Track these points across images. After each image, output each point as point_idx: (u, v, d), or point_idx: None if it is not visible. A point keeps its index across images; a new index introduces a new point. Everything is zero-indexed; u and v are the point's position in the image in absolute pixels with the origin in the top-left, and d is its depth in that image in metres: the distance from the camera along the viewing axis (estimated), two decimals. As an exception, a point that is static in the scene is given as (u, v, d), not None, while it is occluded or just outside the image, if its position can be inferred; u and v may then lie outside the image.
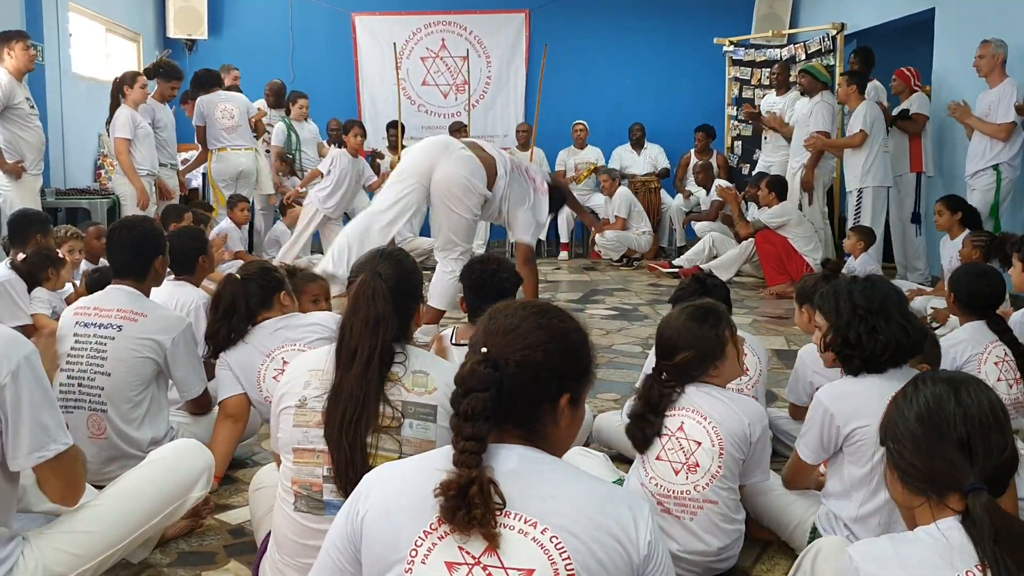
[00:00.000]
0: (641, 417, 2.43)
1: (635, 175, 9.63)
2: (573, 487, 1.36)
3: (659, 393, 2.41)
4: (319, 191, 6.99)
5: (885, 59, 7.67)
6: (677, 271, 7.88)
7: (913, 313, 2.43)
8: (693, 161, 9.56)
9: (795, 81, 8.25)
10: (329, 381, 1.90)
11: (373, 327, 1.87)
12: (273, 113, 8.63)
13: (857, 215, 6.93)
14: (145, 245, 2.97)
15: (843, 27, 8.03)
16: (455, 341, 3.03)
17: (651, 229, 9.08)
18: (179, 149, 8.01)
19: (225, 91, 7.82)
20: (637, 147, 9.93)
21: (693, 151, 9.62)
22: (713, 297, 3.25)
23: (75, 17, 8.19)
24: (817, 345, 2.53)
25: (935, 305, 5.41)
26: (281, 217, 7.97)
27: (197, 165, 8.18)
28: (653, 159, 9.88)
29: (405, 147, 8.02)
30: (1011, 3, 6.32)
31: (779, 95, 8.63)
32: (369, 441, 1.85)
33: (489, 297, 2.97)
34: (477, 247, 9.02)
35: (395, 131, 9.35)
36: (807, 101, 7.65)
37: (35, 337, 2.08)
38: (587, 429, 3.31)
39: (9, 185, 5.83)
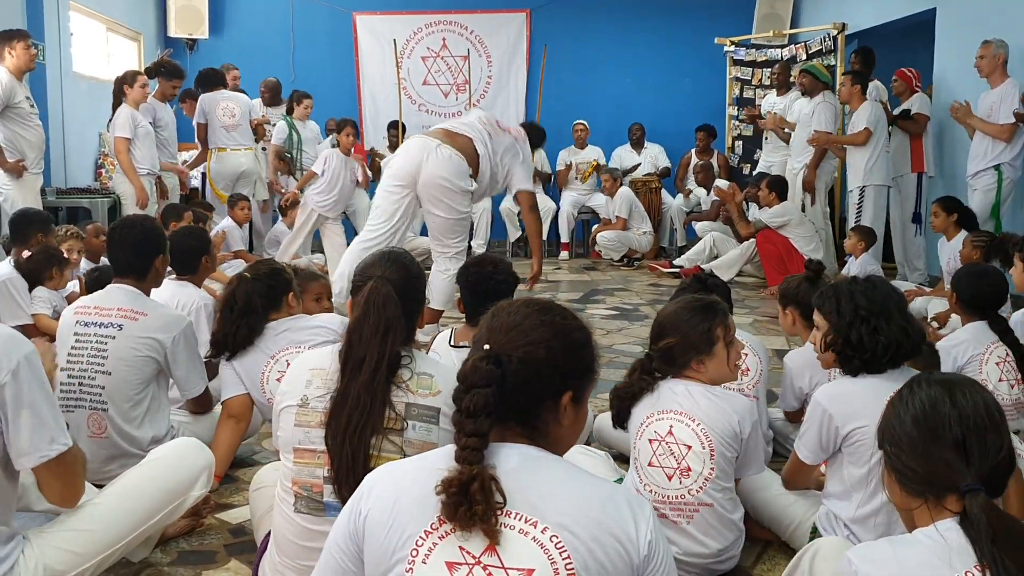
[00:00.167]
0: (623, 397, 2.48)
1: (636, 176, 9.62)
2: (574, 486, 1.36)
3: (640, 376, 2.46)
4: (314, 191, 6.99)
5: (886, 59, 7.66)
6: (678, 271, 7.88)
7: (912, 315, 2.43)
8: (694, 161, 9.55)
9: (795, 81, 8.25)
10: (332, 381, 1.90)
11: (384, 334, 1.87)
12: (270, 111, 8.62)
13: (858, 214, 6.92)
14: (146, 244, 2.96)
15: (844, 27, 8.02)
16: (453, 343, 3.01)
17: (652, 229, 9.07)
18: (179, 148, 8.02)
19: (228, 90, 7.83)
20: (637, 147, 9.92)
21: (694, 151, 9.61)
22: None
23: (76, 16, 8.19)
24: (815, 345, 2.52)
25: (935, 306, 5.42)
26: (282, 217, 7.96)
27: (197, 164, 8.18)
28: (653, 158, 9.88)
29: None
30: (1012, 3, 6.32)
31: (779, 95, 8.63)
32: (372, 443, 1.84)
33: (486, 298, 2.94)
34: (478, 247, 9.02)
35: (396, 131, 9.35)
36: (806, 101, 7.65)
37: (35, 339, 2.07)
38: (588, 429, 3.30)
39: (10, 184, 5.83)
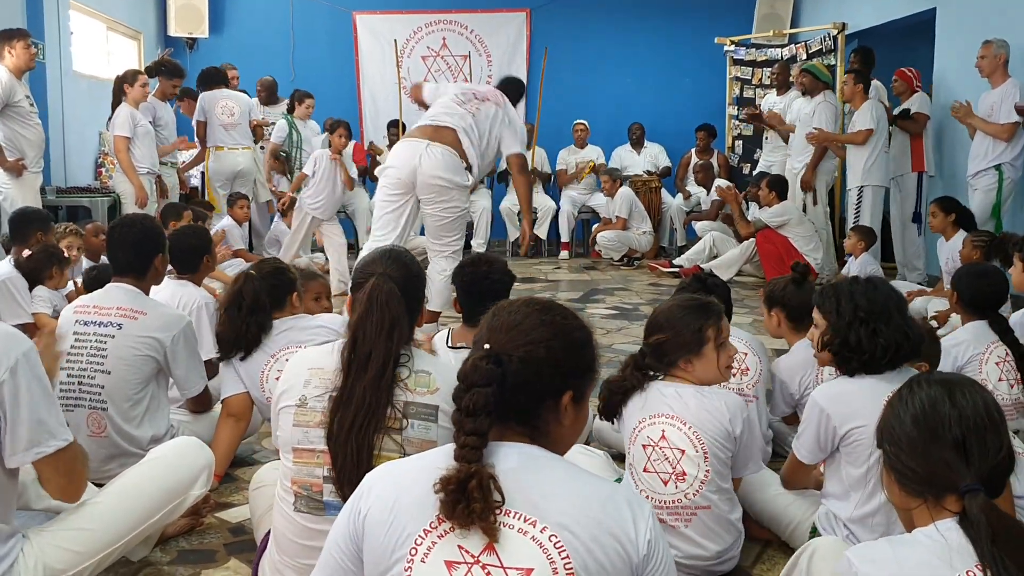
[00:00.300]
0: (613, 391, 2.49)
1: (637, 175, 9.62)
2: (573, 486, 1.36)
3: (633, 371, 2.49)
4: (306, 193, 6.97)
5: (886, 59, 7.66)
6: (678, 271, 7.88)
7: (912, 316, 2.42)
8: (694, 161, 9.55)
9: (795, 81, 8.24)
10: (330, 380, 1.89)
11: (388, 332, 1.86)
12: (267, 110, 8.61)
13: (857, 214, 6.92)
14: (145, 243, 2.96)
15: (844, 27, 8.01)
16: (451, 344, 3.00)
17: (652, 229, 9.07)
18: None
19: (229, 90, 7.82)
20: (637, 147, 9.92)
21: (694, 151, 9.61)
22: (714, 296, 3.25)
23: (76, 15, 8.18)
24: (812, 342, 2.52)
25: (935, 305, 5.42)
26: (281, 217, 7.95)
27: (196, 163, 8.18)
28: (653, 158, 9.87)
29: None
30: (1012, 3, 6.31)
31: (779, 95, 8.62)
32: (374, 441, 1.84)
33: (482, 298, 2.94)
34: (478, 246, 9.02)
35: (396, 130, 9.34)
36: (805, 101, 7.65)
37: (36, 336, 2.07)
38: (587, 428, 3.30)
39: (10, 183, 5.83)
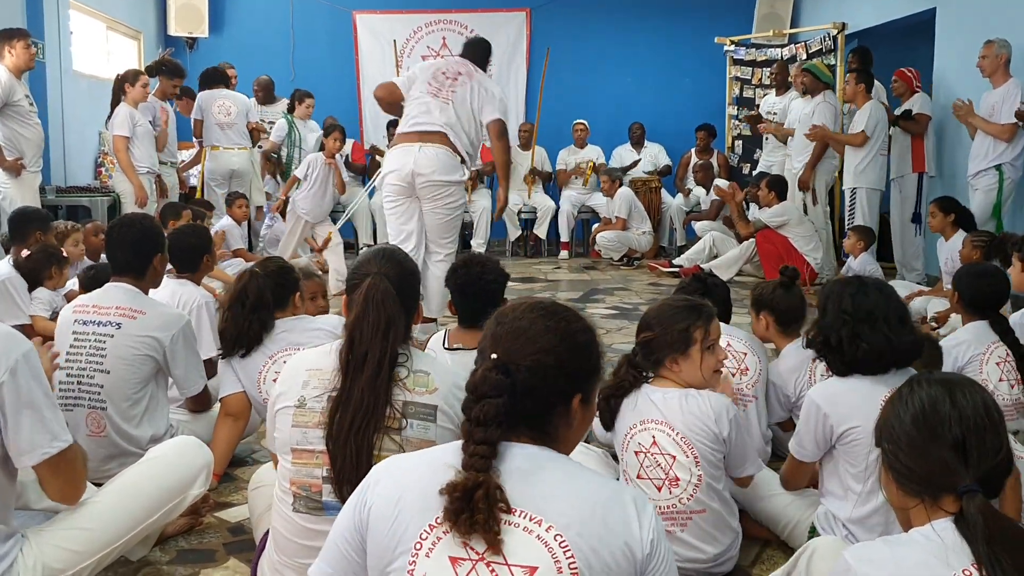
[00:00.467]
0: (609, 397, 2.47)
1: (635, 165, 9.62)
2: (578, 485, 1.36)
3: (628, 370, 2.47)
4: (299, 196, 6.94)
5: (886, 59, 7.65)
6: (677, 270, 7.89)
7: (910, 323, 2.37)
8: (693, 160, 9.55)
9: (793, 80, 8.23)
10: (329, 381, 1.89)
11: (384, 331, 1.86)
12: (265, 110, 8.59)
13: (851, 215, 6.93)
14: (144, 243, 2.96)
15: (844, 27, 8.01)
16: (447, 345, 2.99)
17: (651, 229, 9.07)
18: (179, 147, 8.01)
19: (228, 90, 7.81)
20: (637, 146, 9.92)
21: (694, 150, 9.61)
22: (714, 297, 3.24)
23: (76, 15, 8.17)
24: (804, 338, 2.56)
25: (935, 306, 5.42)
26: (282, 218, 7.94)
27: (195, 163, 8.17)
28: (653, 158, 9.87)
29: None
30: (1012, 3, 6.31)
31: (778, 95, 8.62)
32: (374, 441, 1.83)
33: (476, 299, 2.94)
34: (477, 246, 9.01)
35: (395, 130, 9.30)
36: (805, 101, 7.64)
37: (33, 340, 2.07)
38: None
39: (9, 182, 5.83)
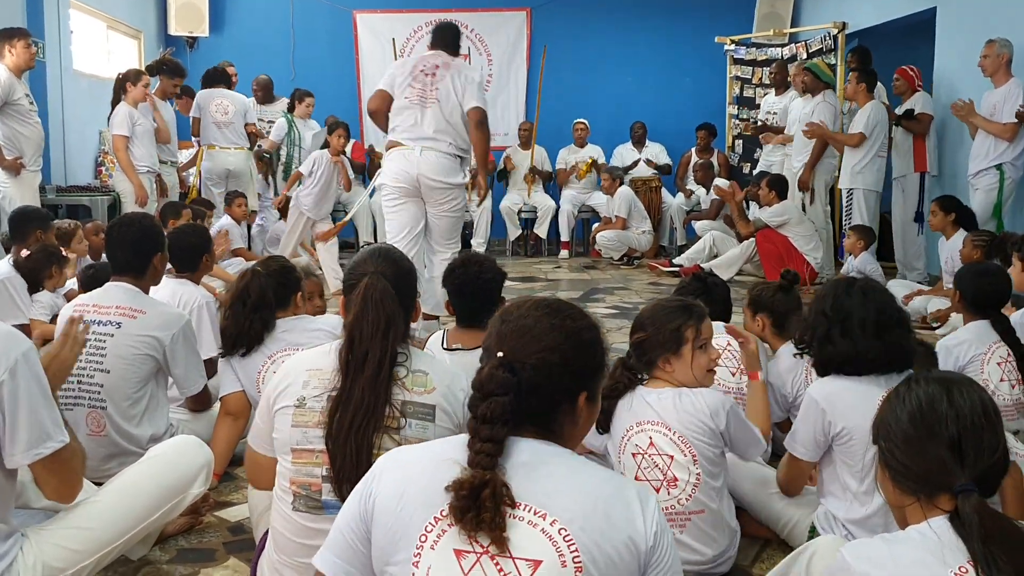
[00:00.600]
0: (604, 399, 2.43)
1: (635, 164, 9.62)
2: (583, 480, 1.37)
3: (623, 371, 2.47)
4: (303, 193, 6.91)
5: (886, 58, 7.65)
6: (677, 270, 7.89)
7: (895, 330, 2.29)
8: (694, 160, 9.55)
9: (792, 79, 8.23)
10: (329, 381, 1.89)
11: (384, 331, 1.86)
12: (264, 109, 8.59)
13: (848, 215, 6.92)
14: (144, 242, 2.96)
15: (844, 26, 8.01)
16: (446, 345, 2.98)
17: (651, 228, 9.07)
18: (179, 147, 8.00)
19: (228, 90, 7.81)
20: (638, 145, 9.92)
21: (694, 150, 9.61)
22: (714, 296, 3.24)
23: (76, 14, 8.18)
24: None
25: (935, 305, 5.42)
26: (283, 217, 7.93)
27: (192, 165, 8.17)
28: (654, 157, 9.87)
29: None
30: (1012, 2, 6.30)
31: (777, 95, 8.62)
32: (373, 441, 1.84)
33: (474, 298, 2.94)
34: (477, 245, 9.02)
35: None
36: (804, 101, 7.64)
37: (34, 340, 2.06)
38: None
39: (8, 182, 5.83)
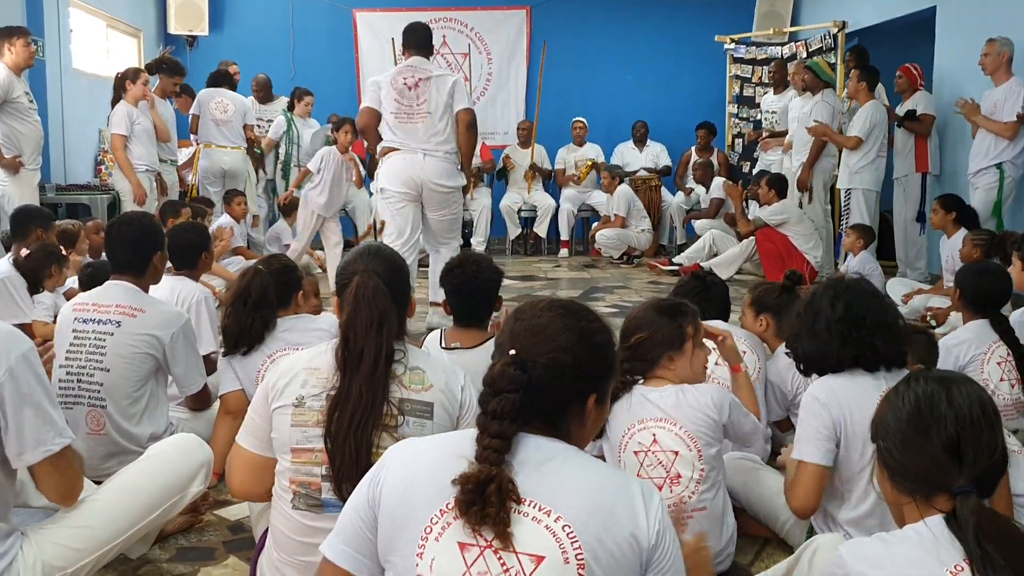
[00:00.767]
0: None
1: (636, 172, 9.61)
2: (587, 476, 1.38)
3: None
4: (312, 190, 6.91)
5: (886, 57, 7.64)
6: (677, 269, 7.89)
7: (868, 337, 2.27)
8: (694, 159, 9.56)
9: (791, 78, 8.22)
10: (327, 380, 1.89)
11: (378, 328, 1.86)
12: (264, 108, 8.58)
13: (846, 215, 6.93)
14: (144, 241, 2.95)
15: (844, 25, 8.01)
16: (445, 345, 2.98)
17: (651, 227, 9.08)
18: (179, 145, 8.01)
19: (228, 90, 7.81)
20: (639, 144, 9.92)
21: (694, 149, 9.61)
22: (713, 295, 3.24)
23: (76, 13, 8.18)
24: None
25: (935, 304, 5.42)
26: (284, 217, 7.93)
27: (194, 162, 8.16)
28: (655, 157, 9.87)
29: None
30: (1012, 1, 6.30)
31: (776, 94, 8.63)
32: (372, 439, 1.84)
33: (472, 298, 2.94)
34: (477, 244, 9.03)
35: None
36: (804, 100, 7.64)
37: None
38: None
39: (7, 180, 5.83)
